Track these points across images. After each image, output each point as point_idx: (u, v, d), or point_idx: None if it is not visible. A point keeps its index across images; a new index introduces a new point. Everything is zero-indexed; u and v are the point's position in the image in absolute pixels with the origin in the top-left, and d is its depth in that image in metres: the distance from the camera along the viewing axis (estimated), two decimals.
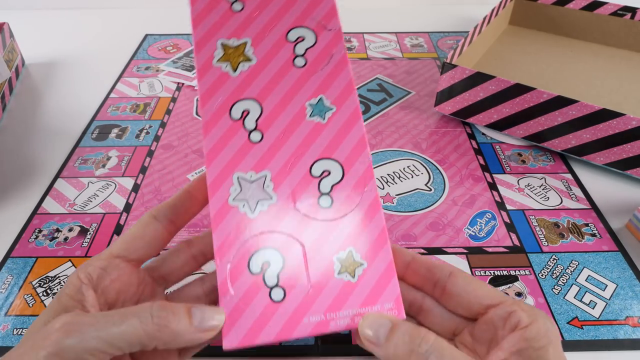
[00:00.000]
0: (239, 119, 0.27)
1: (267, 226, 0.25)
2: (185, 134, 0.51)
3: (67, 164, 0.48)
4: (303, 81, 0.28)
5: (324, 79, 0.28)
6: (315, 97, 0.27)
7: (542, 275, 0.36)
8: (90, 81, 0.61)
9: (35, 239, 0.40)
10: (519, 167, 0.46)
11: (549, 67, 0.59)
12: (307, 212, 0.26)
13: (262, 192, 0.26)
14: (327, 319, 0.24)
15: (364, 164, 0.27)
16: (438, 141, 0.50)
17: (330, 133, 0.27)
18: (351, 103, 0.27)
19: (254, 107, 0.27)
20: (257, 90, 0.28)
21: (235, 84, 0.28)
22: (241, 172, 0.26)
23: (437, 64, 0.64)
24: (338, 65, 0.28)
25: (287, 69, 0.28)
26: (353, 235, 0.26)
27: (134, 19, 0.78)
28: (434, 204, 0.42)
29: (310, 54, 0.28)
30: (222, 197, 0.26)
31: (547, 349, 0.22)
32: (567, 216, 0.41)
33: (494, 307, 0.24)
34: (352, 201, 0.26)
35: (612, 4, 0.61)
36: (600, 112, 0.42)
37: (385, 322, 0.23)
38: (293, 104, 0.27)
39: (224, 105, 0.27)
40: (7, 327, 0.33)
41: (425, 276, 0.27)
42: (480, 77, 0.47)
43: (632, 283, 0.36)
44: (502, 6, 0.64)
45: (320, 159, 0.27)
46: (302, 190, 0.26)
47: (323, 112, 0.27)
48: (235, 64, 0.28)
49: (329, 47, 0.28)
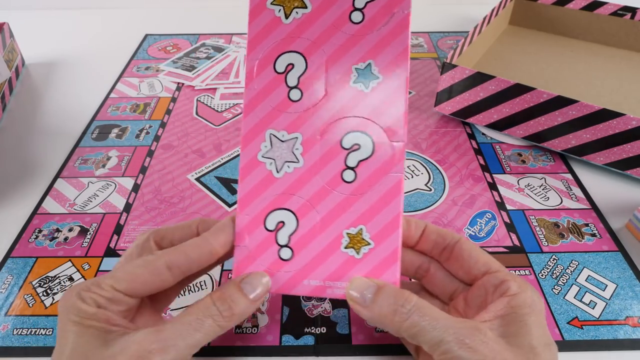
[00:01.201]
0: (282, 73, 0.26)
1: (289, 188, 0.26)
2: (185, 134, 0.51)
3: (67, 164, 0.48)
4: (356, 41, 0.26)
5: (377, 42, 0.25)
6: (363, 62, 0.26)
7: (542, 275, 0.36)
8: (90, 81, 0.61)
9: (35, 239, 0.40)
10: (519, 167, 0.46)
11: (549, 67, 0.59)
12: (329, 182, 0.26)
13: (290, 153, 0.26)
14: (325, 285, 0.26)
15: (397, 145, 0.25)
16: (438, 141, 0.50)
17: (370, 105, 0.25)
18: (399, 75, 0.25)
19: (300, 62, 0.26)
20: (306, 44, 0.26)
21: (285, 32, 0.26)
22: (274, 129, 0.26)
23: (437, 64, 0.64)
24: (396, 27, 0.25)
25: (342, 23, 0.26)
26: (367, 214, 0.26)
27: (134, 19, 0.78)
28: (434, 204, 0.42)
29: (370, 9, 0.25)
30: (253, 151, 0.26)
31: (529, 316, 0.24)
32: (567, 216, 0.41)
33: (489, 274, 0.26)
34: (374, 180, 0.26)
35: (612, 4, 0.61)
36: (600, 112, 0.42)
37: (371, 284, 0.25)
38: (339, 65, 0.26)
39: (270, 55, 0.26)
40: (7, 327, 0.33)
41: (436, 241, 0.28)
42: (480, 77, 0.47)
43: (632, 283, 0.36)
44: (502, 6, 0.63)
45: (354, 131, 0.26)
46: (328, 159, 0.26)
47: (368, 81, 0.25)
48: (289, 9, 0.26)
49: (392, 3, 0.25)
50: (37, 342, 0.32)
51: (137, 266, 0.25)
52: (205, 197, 0.43)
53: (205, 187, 0.45)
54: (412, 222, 0.29)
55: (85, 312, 0.23)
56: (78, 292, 0.23)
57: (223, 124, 0.53)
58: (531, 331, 0.23)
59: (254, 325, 0.33)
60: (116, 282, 0.24)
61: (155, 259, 0.25)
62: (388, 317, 0.24)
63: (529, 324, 0.23)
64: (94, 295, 0.24)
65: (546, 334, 0.24)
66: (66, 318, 0.23)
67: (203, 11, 0.81)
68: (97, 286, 0.24)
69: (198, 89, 0.59)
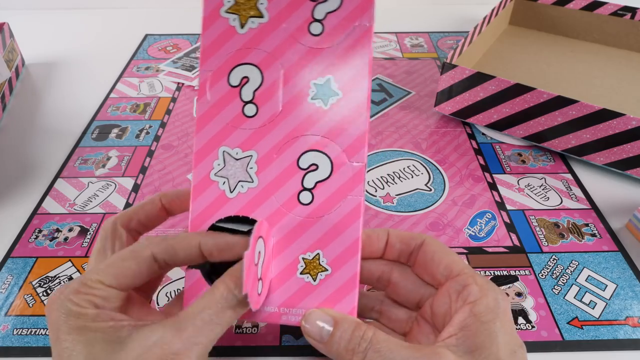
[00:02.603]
0: (236, 86, 0.25)
1: (242, 209, 0.25)
2: (185, 134, 0.51)
3: (67, 164, 0.48)
4: (315, 54, 0.24)
5: (337, 56, 0.24)
6: (322, 77, 0.24)
7: (542, 275, 0.36)
8: (90, 81, 0.61)
9: (35, 239, 0.40)
10: (519, 167, 0.46)
11: (549, 67, 0.59)
12: (285, 204, 0.25)
13: (244, 172, 0.25)
14: (280, 312, 0.25)
15: (356, 167, 0.24)
16: (438, 141, 0.50)
17: (329, 123, 0.24)
18: (360, 92, 0.24)
19: (255, 75, 0.24)
20: (262, 56, 0.24)
21: (240, 43, 0.24)
22: (228, 146, 0.25)
23: (437, 64, 0.64)
24: (358, 41, 0.24)
25: (301, 34, 0.24)
26: (325, 239, 0.25)
27: (134, 19, 0.78)
28: (434, 204, 0.42)
29: (330, 20, 0.24)
30: (205, 169, 0.25)
31: (494, 323, 0.23)
32: (567, 216, 0.41)
33: (451, 280, 0.25)
34: (332, 203, 0.24)
35: (612, 4, 0.61)
36: (600, 112, 0.42)
37: (328, 319, 0.24)
38: (297, 80, 0.24)
39: (223, 67, 0.25)
40: (7, 327, 0.33)
41: (401, 249, 0.27)
42: (480, 77, 0.47)
43: (632, 283, 0.36)
44: (502, 6, 0.63)
45: (311, 150, 0.24)
46: (284, 180, 0.25)
47: (327, 97, 0.24)
48: (244, 18, 0.24)
49: (353, 15, 0.24)
50: (37, 342, 0.32)
51: (123, 258, 0.23)
52: None
53: None
54: (374, 234, 0.27)
55: (87, 316, 0.21)
56: (68, 298, 0.22)
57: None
58: (497, 340, 0.22)
59: (254, 325, 0.33)
60: (105, 278, 0.22)
61: (141, 249, 0.23)
62: (346, 357, 0.23)
63: (494, 332, 0.23)
64: (87, 296, 0.22)
65: (513, 338, 0.23)
66: (66, 328, 0.21)
67: None
68: (86, 286, 0.22)
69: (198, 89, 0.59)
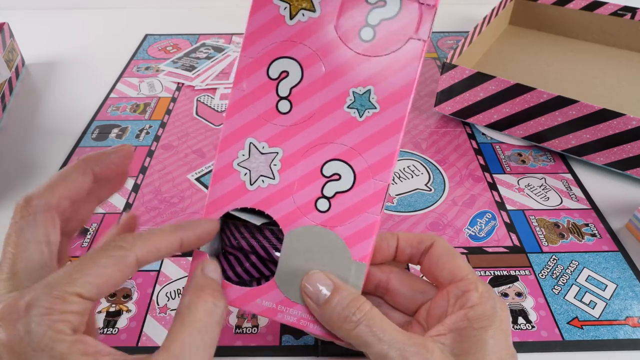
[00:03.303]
0: (275, 79, 0.24)
1: (259, 203, 0.25)
2: (185, 134, 0.51)
3: (67, 164, 0.48)
4: (360, 61, 0.23)
5: (383, 67, 0.23)
6: (363, 87, 0.23)
7: (542, 275, 0.36)
8: (90, 81, 0.61)
9: None
10: (519, 167, 0.46)
11: (549, 67, 0.59)
12: (302, 207, 0.24)
13: (267, 168, 0.25)
14: (277, 309, 0.25)
15: (379, 185, 0.24)
16: (438, 141, 0.50)
17: (360, 135, 0.23)
18: (398, 110, 0.23)
19: (295, 71, 0.24)
20: (307, 52, 0.23)
21: (286, 35, 0.23)
22: (256, 139, 0.24)
23: (437, 64, 0.64)
24: (408, 55, 0.22)
25: (350, 37, 0.23)
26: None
27: (134, 19, 0.78)
28: (434, 204, 0.42)
29: (383, 28, 0.23)
30: (229, 157, 0.25)
31: (485, 330, 0.22)
32: (567, 216, 0.41)
33: (453, 284, 0.25)
34: (348, 216, 0.24)
35: (612, 4, 0.61)
36: (600, 112, 0.42)
37: (328, 283, 0.24)
38: (337, 84, 0.23)
39: (265, 56, 0.24)
40: None
41: (411, 254, 0.27)
42: (480, 77, 0.47)
43: (632, 283, 0.36)
44: (502, 6, 0.63)
45: (337, 160, 0.24)
46: (305, 183, 0.24)
47: (363, 108, 0.23)
48: (295, 9, 0.23)
49: (409, 27, 0.22)
50: None
51: (104, 265, 0.19)
52: (205, 197, 0.43)
53: (205, 187, 0.44)
54: (384, 242, 0.27)
55: (64, 343, 0.17)
56: (42, 321, 0.17)
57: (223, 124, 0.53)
58: (485, 348, 0.22)
59: (254, 325, 0.33)
60: (84, 289, 0.18)
61: (125, 255, 0.20)
62: (337, 323, 0.23)
63: (484, 339, 0.22)
64: (63, 316, 0.17)
65: (506, 348, 0.23)
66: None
67: (203, 11, 0.81)
68: (62, 301, 0.17)
69: (198, 89, 0.59)
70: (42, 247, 0.20)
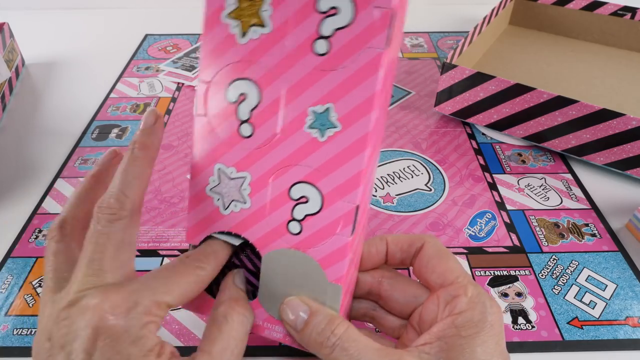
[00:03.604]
0: (234, 102, 0.23)
1: (234, 227, 0.25)
2: (185, 134, 0.51)
3: (67, 164, 0.48)
4: (317, 76, 0.21)
5: (341, 83, 0.21)
6: (322, 104, 0.22)
7: (542, 275, 0.36)
8: (90, 81, 0.61)
9: (36, 239, 0.40)
10: (519, 167, 0.46)
11: (549, 67, 0.59)
12: (275, 230, 0.24)
13: (238, 193, 0.24)
14: (264, 326, 0.25)
15: (347, 206, 0.23)
16: (438, 141, 0.50)
17: (323, 156, 0.22)
18: (360, 128, 0.21)
19: (253, 93, 0.23)
20: (262, 72, 0.22)
21: (240, 54, 0.22)
22: (224, 164, 0.24)
23: (437, 64, 0.64)
24: (365, 68, 0.21)
25: (303, 52, 0.21)
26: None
27: (134, 19, 0.78)
28: (434, 204, 0.42)
29: (338, 39, 0.21)
30: (201, 184, 0.25)
31: (473, 338, 0.22)
32: (567, 216, 0.41)
33: (444, 288, 0.24)
34: (319, 239, 0.23)
35: (612, 4, 0.61)
36: (600, 112, 0.42)
37: (304, 308, 0.24)
38: (297, 104, 0.22)
39: (222, 79, 0.23)
40: (7, 327, 0.33)
41: (402, 257, 0.27)
42: (480, 77, 0.47)
43: (632, 283, 0.36)
44: (502, 6, 0.63)
45: (303, 182, 0.23)
46: (275, 207, 0.24)
47: (324, 128, 0.22)
48: (245, 26, 0.22)
49: (365, 35, 0.20)
50: None
51: (189, 283, 0.23)
52: None
53: None
54: (373, 247, 0.27)
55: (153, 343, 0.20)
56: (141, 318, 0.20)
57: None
58: (474, 357, 0.21)
59: None
60: (172, 300, 0.21)
61: (205, 276, 0.23)
62: (315, 348, 0.23)
63: (472, 347, 0.22)
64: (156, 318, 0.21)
65: (497, 354, 0.22)
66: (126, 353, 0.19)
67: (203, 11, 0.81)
68: (158, 307, 0.21)
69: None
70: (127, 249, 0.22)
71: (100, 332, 0.19)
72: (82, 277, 0.20)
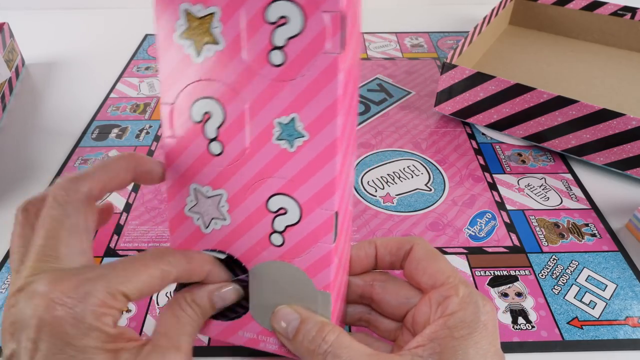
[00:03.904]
0: (199, 122, 0.23)
1: (218, 245, 0.25)
2: None
3: (67, 164, 0.48)
4: (278, 88, 0.21)
5: (302, 91, 0.21)
6: (286, 115, 0.21)
7: (542, 275, 0.36)
8: (90, 81, 0.61)
9: None
10: (519, 167, 0.46)
11: (549, 67, 0.59)
12: (258, 244, 0.24)
13: (216, 210, 0.24)
14: (259, 339, 0.26)
15: (325, 214, 0.23)
16: (438, 141, 0.50)
17: (296, 166, 0.22)
18: (328, 134, 0.21)
19: (217, 110, 0.22)
20: (222, 89, 0.22)
21: (198, 73, 0.22)
22: (199, 184, 0.24)
23: (437, 64, 0.64)
24: (323, 74, 0.20)
25: (260, 65, 0.21)
26: None
27: (134, 19, 0.78)
28: (434, 204, 0.42)
29: (292, 48, 0.20)
30: (179, 205, 0.25)
31: (466, 339, 0.22)
32: (567, 216, 0.41)
33: (436, 289, 0.24)
34: (303, 249, 0.24)
35: (612, 4, 0.61)
36: (600, 112, 0.42)
37: (295, 317, 0.24)
38: (262, 117, 0.22)
39: (184, 100, 0.23)
40: None
41: (391, 260, 0.27)
42: (480, 77, 0.47)
43: (632, 283, 0.36)
44: (502, 6, 0.64)
45: (279, 194, 0.23)
46: (255, 221, 0.24)
47: (292, 138, 0.22)
48: (199, 45, 0.21)
49: (318, 41, 0.20)
50: None
51: (152, 276, 0.21)
52: None
53: None
54: (361, 252, 0.27)
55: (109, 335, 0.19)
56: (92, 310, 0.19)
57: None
58: (467, 357, 0.21)
59: None
60: (131, 292, 0.20)
61: (170, 272, 0.22)
62: (308, 356, 0.23)
63: (465, 348, 0.21)
64: (112, 311, 0.19)
65: (491, 354, 0.22)
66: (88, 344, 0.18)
67: None
68: (113, 298, 0.19)
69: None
70: (83, 235, 0.21)
71: (47, 322, 0.18)
72: (32, 262, 0.20)
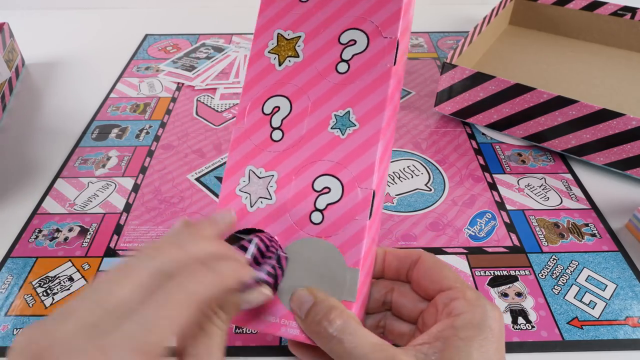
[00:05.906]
0: (268, 114, 0.28)
1: (259, 223, 0.27)
2: (185, 134, 0.51)
3: (67, 164, 0.48)
4: (338, 89, 0.27)
5: (358, 91, 0.27)
6: (343, 109, 0.27)
7: (542, 275, 0.36)
8: (90, 81, 0.61)
9: (35, 239, 0.40)
10: (519, 167, 0.46)
11: (549, 67, 0.59)
12: (298, 222, 0.26)
13: (265, 190, 0.27)
14: (281, 323, 0.26)
15: (365, 192, 0.26)
16: (438, 141, 0.50)
17: (344, 150, 0.26)
18: (375, 124, 0.26)
19: (285, 105, 0.28)
20: (293, 89, 0.28)
21: (276, 78, 0.28)
22: (254, 166, 0.28)
23: (437, 64, 0.64)
24: (378, 79, 0.26)
25: (328, 72, 0.27)
26: None
27: (134, 19, 0.78)
28: (434, 204, 0.42)
29: (355, 61, 0.27)
30: (233, 184, 0.28)
31: (471, 341, 0.21)
32: (567, 216, 0.41)
33: (443, 292, 0.25)
34: (340, 225, 0.26)
35: (612, 4, 0.61)
36: (600, 112, 0.42)
37: (309, 299, 0.24)
38: (321, 111, 0.27)
39: (260, 97, 0.28)
40: (7, 328, 0.33)
41: (398, 268, 0.28)
42: (480, 77, 0.47)
43: (632, 283, 0.36)
44: (502, 6, 0.63)
45: (326, 175, 0.26)
46: (299, 200, 0.26)
47: (345, 127, 0.27)
48: (283, 57, 0.28)
49: (377, 57, 0.27)
50: None
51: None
52: (205, 197, 0.43)
53: (205, 187, 0.45)
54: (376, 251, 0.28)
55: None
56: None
57: (223, 124, 0.53)
58: (470, 358, 0.21)
59: None
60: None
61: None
62: (315, 337, 0.23)
63: (469, 351, 0.21)
64: None
65: (494, 358, 0.21)
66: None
67: (203, 11, 0.81)
68: None
69: (198, 89, 0.59)
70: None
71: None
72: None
